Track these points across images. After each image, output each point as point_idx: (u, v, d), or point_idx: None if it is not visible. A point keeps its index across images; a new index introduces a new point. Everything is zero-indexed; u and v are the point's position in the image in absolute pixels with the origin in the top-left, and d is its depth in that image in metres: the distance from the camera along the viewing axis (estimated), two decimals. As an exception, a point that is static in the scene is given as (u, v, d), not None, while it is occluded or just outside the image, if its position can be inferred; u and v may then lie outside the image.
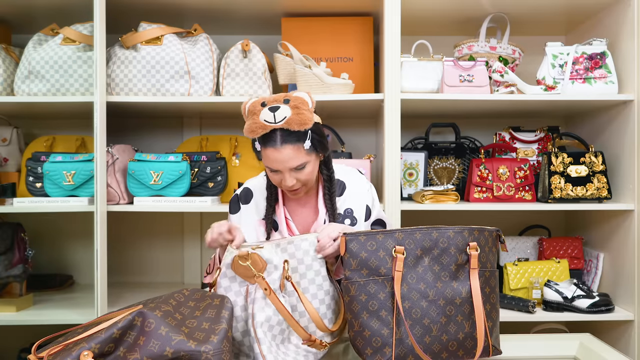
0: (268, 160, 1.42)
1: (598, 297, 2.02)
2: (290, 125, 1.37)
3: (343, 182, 1.61)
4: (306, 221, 1.59)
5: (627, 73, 2.05)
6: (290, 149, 1.40)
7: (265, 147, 1.41)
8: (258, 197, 1.60)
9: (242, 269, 1.34)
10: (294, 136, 1.39)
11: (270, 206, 1.56)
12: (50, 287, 2.35)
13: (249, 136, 1.41)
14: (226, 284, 1.36)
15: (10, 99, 2.03)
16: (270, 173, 1.48)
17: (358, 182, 1.62)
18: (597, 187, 2.07)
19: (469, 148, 2.32)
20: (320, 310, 1.40)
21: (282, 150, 1.39)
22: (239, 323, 1.33)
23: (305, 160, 1.43)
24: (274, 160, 1.41)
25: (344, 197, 1.58)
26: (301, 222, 1.58)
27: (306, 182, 1.48)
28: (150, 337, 1.12)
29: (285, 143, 1.39)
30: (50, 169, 2.03)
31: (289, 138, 1.39)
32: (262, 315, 1.31)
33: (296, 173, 1.44)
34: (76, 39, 2.04)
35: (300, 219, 1.59)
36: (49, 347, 1.09)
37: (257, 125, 1.38)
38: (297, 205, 1.59)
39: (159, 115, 2.46)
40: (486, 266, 1.37)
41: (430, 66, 2.11)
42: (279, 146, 1.39)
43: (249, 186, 1.63)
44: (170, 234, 2.54)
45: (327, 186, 1.55)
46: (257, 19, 2.29)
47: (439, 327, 1.31)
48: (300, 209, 1.60)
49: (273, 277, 1.34)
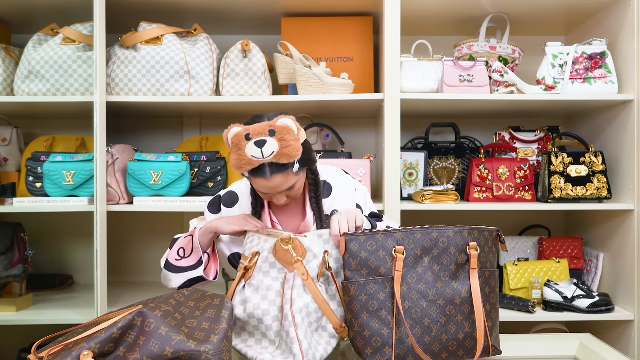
0: (258, 186, 1.42)
1: (598, 297, 2.02)
2: (279, 159, 1.35)
3: (329, 183, 1.60)
4: (294, 224, 1.58)
5: (627, 73, 2.05)
6: (280, 177, 1.38)
7: (255, 177, 1.40)
8: (244, 202, 1.58)
9: (282, 253, 1.37)
10: (283, 167, 1.37)
11: (257, 212, 1.55)
12: (50, 287, 2.35)
13: (237, 171, 1.39)
14: (266, 268, 1.38)
15: (10, 99, 2.03)
16: (260, 193, 1.47)
17: (344, 183, 1.62)
18: (597, 187, 2.07)
19: (469, 148, 2.32)
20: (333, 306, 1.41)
21: (272, 180, 1.38)
22: (271, 307, 1.34)
23: (294, 182, 1.43)
24: (264, 187, 1.41)
25: (332, 199, 1.57)
26: (288, 226, 1.58)
27: (296, 197, 1.49)
28: (150, 337, 1.12)
29: (274, 174, 1.37)
30: (50, 169, 2.03)
31: (278, 169, 1.37)
32: (301, 302, 1.32)
33: (287, 192, 1.45)
34: (76, 39, 2.03)
35: (287, 223, 1.58)
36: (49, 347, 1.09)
37: (244, 161, 1.36)
38: (284, 211, 1.58)
39: (159, 115, 2.46)
40: (486, 266, 1.38)
41: (430, 66, 2.11)
42: (269, 177, 1.37)
43: (234, 190, 1.61)
44: (170, 234, 2.52)
45: (312, 190, 1.54)
46: (257, 19, 2.29)
47: (439, 327, 1.31)
48: (287, 214, 1.59)
49: (312, 265, 1.37)
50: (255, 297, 1.35)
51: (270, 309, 1.33)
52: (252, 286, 1.36)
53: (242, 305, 1.36)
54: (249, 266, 1.39)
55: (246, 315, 1.34)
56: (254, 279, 1.37)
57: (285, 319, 1.30)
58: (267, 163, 1.36)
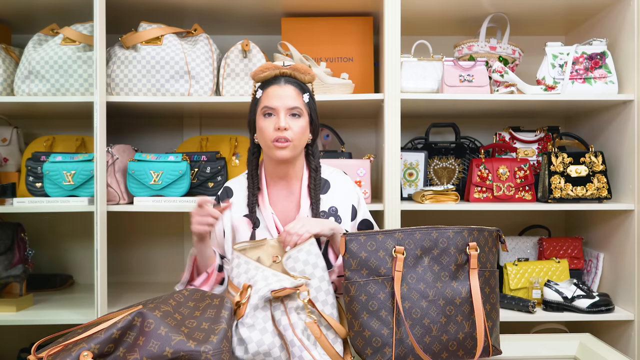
0: (268, 97, 1.53)
1: (598, 297, 2.02)
2: (297, 69, 1.55)
3: (328, 180, 1.61)
4: (288, 215, 1.58)
5: (627, 73, 2.05)
6: (292, 89, 1.54)
7: (268, 87, 1.54)
8: (238, 193, 1.62)
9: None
10: (297, 83, 1.56)
11: (253, 195, 1.57)
12: (50, 287, 2.35)
13: (256, 76, 1.55)
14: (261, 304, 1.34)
15: (10, 99, 2.03)
16: (264, 121, 1.53)
17: (343, 182, 1.63)
18: (597, 187, 2.07)
19: (469, 148, 2.32)
20: (334, 315, 1.40)
21: (284, 87, 1.53)
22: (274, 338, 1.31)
23: (301, 108, 1.53)
24: (275, 95, 1.52)
25: (329, 195, 1.58)
26: (283, 216, 1.58)
27: (295, 140, 1.51)
28: (150, 337, 1.12)
29: (288, 84, 1.54)
30: (50, 169, 2.03)
31: (292, 82, 1.55)
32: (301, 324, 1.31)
33: (290, 120, 1.51)
34: (76, 39, 2.03)
35: (282, 212, 1.59)
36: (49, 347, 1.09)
37: (264, 67, 1.55)
38: (280, 196, 1.59)
39: (159, 115, 2.46)
40: (486, 266, 1.38)
41: (430, 66, 2.11)
42: (282, 84, 1.54)
43: (228, 185, 1.67)
44: (170, 234, 2.54)
45: (312, 176, 1.57)
46: (257, 19, 2.29)
47: (439, 327, 1.31)
48: (282, 201, 1.59)
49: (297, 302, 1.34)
50: (254, 334, 1.30)
51: (274, 340, 1.30)
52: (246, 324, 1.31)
53: (240, 345, 1.32)
54: (241, 302, 1.34)
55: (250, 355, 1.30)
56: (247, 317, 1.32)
57: (292, 345, 1.28)
58: (282, 75, 1.55)
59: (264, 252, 1.47)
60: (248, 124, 1.61)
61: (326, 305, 1.38)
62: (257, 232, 1.56)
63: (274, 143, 1.51)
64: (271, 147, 1.52)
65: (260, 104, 1.55)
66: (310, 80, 1.59)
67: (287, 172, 1.59)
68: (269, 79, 1.56)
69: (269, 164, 1.61)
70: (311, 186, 1.57)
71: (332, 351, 1.31)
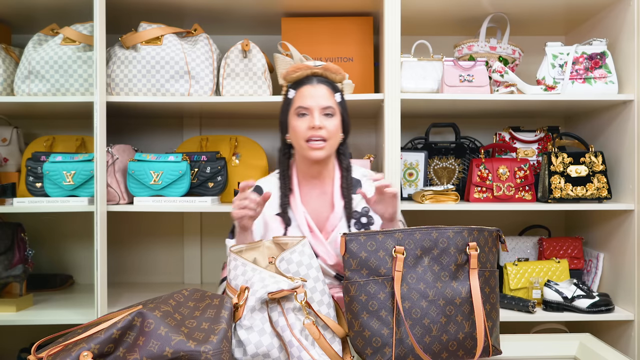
0: (302, 97, 1.54)
1: (598, 297, 2.02)
2: (328, 69, 1.57)
3: (359, 180, 1.62)
4: (321, 214, 1.59)
5: (627, 73, 2.05)
6: (325, 89, 1.56)
7: (301, 87, 1.56)
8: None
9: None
10: (329, 83, 1.58)
11: (285, 195, 1.57)
12: (50, 287, 2.35)
13: (288, 77, 1.58)
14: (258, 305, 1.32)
15: (10, 99, 2.03)
16: (297, 121, 1.55)
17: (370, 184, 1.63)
18: (597, 187, 2.07)
19: (469, 148, 2.32)
20: (331, 315, 1.40)
21: (317, 87, 1.56)
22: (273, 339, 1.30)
23: (334, 107, 1.55)
24: (308, 95, 1.54)
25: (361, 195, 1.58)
26: (315, 215, 1.59)
27: (329, 138, 1.54)
28: (150, 338, 1.12)
29: (320, 83, 1.56)
30: (50, 169, 2.03)
31: (324, 81, 1.57)
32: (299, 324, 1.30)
33: (324, 119, 1.53)
34: (76, 39, 2.04)
35: (315, 211, 1.59)
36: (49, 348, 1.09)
37: (295, 67, 1.56)
38: (312, 196, 1.60)
39: (159, 115, 2.46)
40: (486, 266, 1.38)
41: (430, 66, 2.11)
42: (315, 84, 1.56)
43: (258, 184, 1.67)
44: (170, 234, 2.54)
45: (344, 175, 1.58)
46: (257, 19, 2.29)
47: (439, 327, 1.31)
48: (315, 200, 1.60)
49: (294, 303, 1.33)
50: (253, 336, 1.30)
51: (273, 342, 1.30)
52: (244, 326, 1.31)
53: (239, 347, 1.31)
54: (239, 304, 1.33)
55: (249, 357, 1.30)
56: (244, 319, 1.31)
57: (290, 345, 1.28)
58: (314, 75, 1.57)
59: (260, 254, 1.47)
60: (279, 124, 1.63)
61: (322, 305, 1.38)
62: (289, 231, 1.59)
63: (309, 143, 1.54)
64: (305, 147, 1.55)
65: (294, 104, 1.57)
66: (342, 80, 1.61)
67: (320, 172, 1.62)
68: (300, 79, 1.58)
69: (302, 163, 1.63)
70: (344, 186, 1.58)
71: (332, 352, 1.31)
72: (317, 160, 1.55)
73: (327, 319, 1.35)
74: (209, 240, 2.53)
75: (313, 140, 1.53)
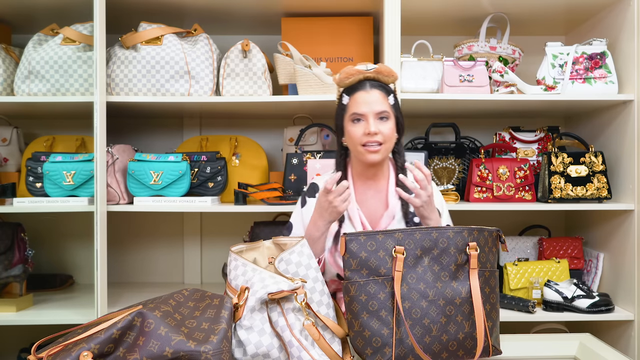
0: (356, 103, 1.55)
1: (598, 297, 2.02)
2: (380, 72, 1.56)
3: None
4: (375, 213, 1.61)
5: (627, 73, 2.05)
6: (378, 94, 1.55)
7: (355, 93, 1.56)
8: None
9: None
10: (382, 87, 1.57)
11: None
12: (50, 287, 2.35)
13: (341, 83, 1.58)
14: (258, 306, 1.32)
15: (10, 99, 2.03)
16: (352, 127, 1.56)
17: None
18: (597, 187, 2.07)
19: (469, 148, 2.32)
20: (330, 315, 1.39)
21: (371, 93, 1.55)
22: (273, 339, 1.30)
23: (388, 111, 1.55)
24: (363, 102, 1.54)
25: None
26: (369, 213, 1.61)
27: (385, 141, 1.55)
28: (150, 338, 1.12)
29: (374, 88, 1.56)
30: (50, 169, 2.03)
31: (377, 86, 1.57)
32: (298, 324, 1.30)
33: (379, 123, 1.54)
34: (76, 39, 2.03)
35: (369, 210, 1.62)
36: (49, 348, 1.09)
37: (348, 73, 1.56)
38: (367, 195, 1.62)
39: (159, 115, 2.46)
40: (486, 266, 1.37)
41: (430, 66, 2.11)
42: (368, 89, 1.56)
43: (315, 181, 1.71)
44: (170, 234, 2.54)
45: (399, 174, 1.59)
46: (257, 19, 2.29)
47: (439, 327, 1.31)
48: (370, 199, 1.62)
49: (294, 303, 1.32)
50: (253, 336, 1.29)
51: (273, 342, 1.30)
52: (244, 327, 1.30)
53: (239, 347, 1.31)
54: (239, 304, 1.33)
55: (249, 357, 1.30)
56: (244, 320, 1.31)
57: (290, 345, 1.28)
58: (367, 80, 1.57)
59: (260, 254, 1.47)
60: (335, 128, 1.65)
61: (321, 305, 1.37)
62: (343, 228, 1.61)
63: (365, 148, 1.55)
64: (361, 152, 1.56)
65: (348, 111, 1.58)
66: (394, 82, 1.61)
67: (376, 173, 1.64)
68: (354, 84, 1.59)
69: (357, 165, 1.65)
70: (399, 185, 1.58)
71: (331, 352, 1.31)
72: (373, 163, 1.58)
73: (327, 320, 1.35)
74: (209, 241, 2.53)
75: (369, 145, 1.55)
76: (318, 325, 1.34)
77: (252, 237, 2.18)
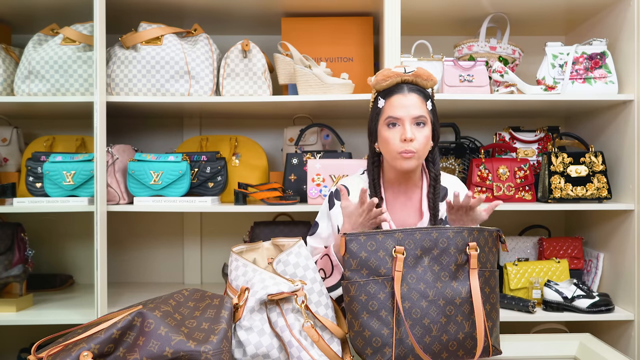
0: (392, 107, 1.50)
1: (598, 297, 2.02)
2: (419, 75, 1.51)
3: (446, 188, 1.60)
4: (405, 222, 1.57)
5: (627, 73, 2.05)
6: (416, 98, 1.50)
7: (391, 96, 1.51)
8: (354, 193, 1.61)
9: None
10: (420, 91, 1.52)
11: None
12: (50, 287, 2.35)
13: (378, 85, 1.52)
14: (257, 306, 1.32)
15: (10, 99, 2.03)
16: (388, 132, 1.51)
17: (461, 190, 1.62)
18: (597, 187, 2.07)
19: (469, 148, 2.32)
20: (329, 315, 1.40)
21: (408, 96, 1.50)
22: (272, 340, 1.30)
23: (426, 116, 1.50)
24: (399, 105, 1.49)
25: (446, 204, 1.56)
26: (399, 222, 1.57)
27: (419, 150, 1.49)
28: (150, 338, 1.12)
29: (411, 92, 1.51)
30: (50, 169, 2.03)
31: (415, 89, 1.52)
32: (298, 324, 1.30)
33: (415, 129, 1.49)
34: (76, 39, 2.04)
35: (400, 218, 1.58)
36: (49, 348, 1.09)
37: (385, 75, 1.51)
38: (397, 202, 1.59)
39: (159, 115, 2.46)
40: (486, 266, 1.37)
41: (430, 66, 2.11)
42: (406, 93, 1.51)
43: (344, 184, 1.65)
44: (170, 234, 2.54)
45: (432, 185, 1.56)
46: (257, 19, 2.29)
47: (439, 327, 1.31)
48: (401, 209, 1.59)
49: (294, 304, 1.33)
50: (252, 336, 1.30)
51: (272, 342, 1.30)
52: (243, 327, 1.31)
53: (239, 347, 1.31)
54: (239, 305, 1.33)
55: (249, 357, 1.30)
56: (244, 320, 1.31)
57: (290, 345, 1.28)
58: (405, 83, 1.52)
59: (259, 254, 1.47)
60: (368, 132, 1.59)
61: (320, 306, 1.38)
62: None
63: (400, 153, 1.49)
64: (396, 157, 1.50)
65: (384, 114, 1.52)
66: (432, 86, 1.55)
67: (408, 180, 1.59)
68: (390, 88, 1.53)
69: (390, 171, 1.59)
70: (430, 195, 1.56)
71: (331, 352, 1.31)
72: (407, 170, 1.52)
73: (325, 320, 1.35)
74: (209, 241, 2.53)
75: (405, 152, 1.49)
76: (317, 326, 1.34)
77: (252, 237, 2.18)
